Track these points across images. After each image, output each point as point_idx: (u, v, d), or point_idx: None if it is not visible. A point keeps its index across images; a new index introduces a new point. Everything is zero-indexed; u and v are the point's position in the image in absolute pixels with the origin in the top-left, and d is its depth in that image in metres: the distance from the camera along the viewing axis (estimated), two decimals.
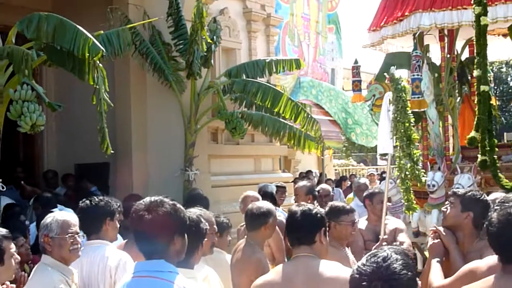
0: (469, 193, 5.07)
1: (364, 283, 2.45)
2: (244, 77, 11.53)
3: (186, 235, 3.49)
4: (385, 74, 12.72)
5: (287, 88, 14.78)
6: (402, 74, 16.75)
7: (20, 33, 7.69)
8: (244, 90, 11.29)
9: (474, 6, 9.13)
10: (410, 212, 6.55)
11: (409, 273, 2.48)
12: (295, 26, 19.59)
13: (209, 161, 12.16)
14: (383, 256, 2.51)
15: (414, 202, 6.57)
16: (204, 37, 10.50)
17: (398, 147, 6.34)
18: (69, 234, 4.48)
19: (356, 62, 12.71)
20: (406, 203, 6.39)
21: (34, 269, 4.61)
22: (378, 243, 5.68)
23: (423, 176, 7.37)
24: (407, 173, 6.43)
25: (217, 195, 10.72)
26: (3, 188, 7.91)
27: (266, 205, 5.73)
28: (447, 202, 5.24)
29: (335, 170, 26.89)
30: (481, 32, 9.25)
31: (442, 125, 11.38)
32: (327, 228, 4.29)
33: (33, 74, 7.82)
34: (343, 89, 21.55)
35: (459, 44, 11.62)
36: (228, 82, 11.62)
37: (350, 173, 25.14)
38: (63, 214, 4.70)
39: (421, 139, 12.26)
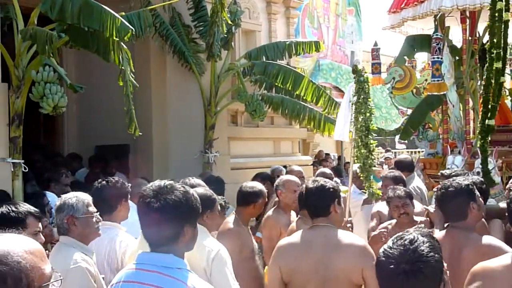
0: (453, 174, 5.63)
1: (391, 266, 2.45)
2: (264, 59, 11.49)
3: (197, 224, 3.21)
4: (405, 57, 12.72)
5: (306, 71, 14.72)
6: (423, 56, 16.71)
7: (41, 15, 7.72)
8: (264, 72, 11.26)
9: (497, 1, 8.93)
10: (374, 197, 6.84)
11: (436, 255, 2.50)
12: (314, 8, 19.48)
13: (228, 143, 12.17)
14: (410, 238, 2.52)
15: (377, 188, 6.89)
16: (224, 18, 10.47)
17: (357, 137, 6.68)
18: (95, 213, 4.54)
19: (375, 44, 12.64)
20: (368, 190, 6.67)
21: (52, 249, 4.63)
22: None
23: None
24: (364, 161, 6.75)
25: (236, 177, 10.71)
26: (25, 169, 7.97)
27: (259, 185, 6.10)
28: None
29: None
30: (504, 26, 9.02)
31: (462, 108, 11.33)
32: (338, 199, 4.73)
33: (56, 56, 7.85)
34: None
35: (480, 26, 11.51)
36: (248, 64, 11.59)
37: None
38: (83, 194, 4.74)
39: (441, 123, 12.22)
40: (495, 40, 8.91)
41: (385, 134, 29.69)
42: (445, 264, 2.57)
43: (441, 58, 10.83)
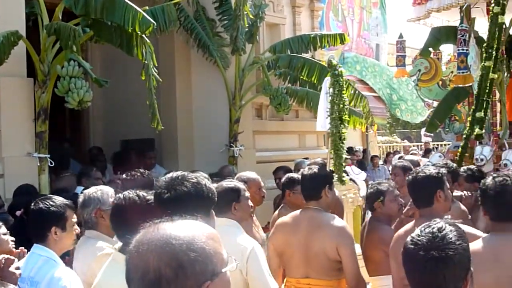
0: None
1: (420, 253, 2.45)
2: (288, 52, 11.47)
3: (213, 212, 3.34)
4: (430, 48, 12.62)
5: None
6: (448, 49, 16.57)
7: (66, 10, 7.76)
8: (289, 66, 11.24)
9: (493, 6, 10.01)
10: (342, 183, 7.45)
11: (464, 243, 2.50)
12: (339, 1, 19.40)
13: (253, 137, 12.16)
14: (438, 227, 2.52)
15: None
16: (246, 12, 10.45)
17: (332, 127, 7.16)
18: None
19: (400, 36, 12.56)
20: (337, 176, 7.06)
21: (78, 243, 4.66)
22: None
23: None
24: (337, 150, 7.29)
25: (262, 171, 10.69)
26: (51, 164, 8.02)
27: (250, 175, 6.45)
28: None
29: (379, 146, 26.69)
30: (498, 29, 10.10)
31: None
32: (331, 185, 5.44)
33: (80, 51, 7.90)
34: (388, 64, 21.32)
35: (507, 17, 11.36)
36: (272, 58, 11.57)
37: (394, 150, 24.94)
38: (106, 187, 4.79)
39: (467, 115, 12.10)
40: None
41: (410, 127, 29.53)
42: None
43: (467, 50, 10.72)
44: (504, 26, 11.38)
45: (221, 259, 1.88)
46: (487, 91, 10.08)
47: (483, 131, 10.18)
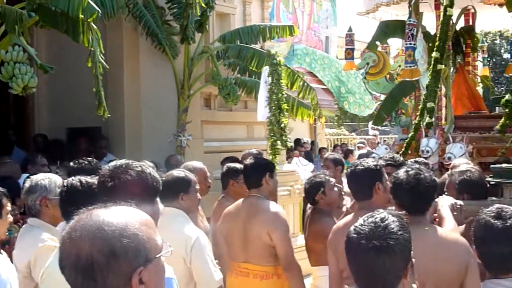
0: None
1: (362, 242, 2.47)
2: (238, 43, 11.46)
3: (158, 201, 3.25)
4: (377, 42, 12.75)
5: (280, 55, 14.66)
6: (397, 43, 16.74)
7: None
8: (238, 56, 11.23)
9: None
10: None
11: (405, 234, 2.52)
12: None
13: (201, 127, 12.12)
14: (381, 217, 2.54)
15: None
16: (198, 1, 10.40)
17: (271, 115, 7.27)
18: None
19: (349, 30, 12.65)
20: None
21: (20, 230, 4.59)
22: None
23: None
24: (276, 137, 7.45)
25: (209, 161, 10.66)
26: None
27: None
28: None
29: (327, 139, 26.86)
30: (446, 21, 10.47)
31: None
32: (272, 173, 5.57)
33: (28, 35, 7.72)
34: (337, 57, 21.44)
35: (454, 13, 11.54)
36: (222, 48, 11.55)
37: (342, 142, 25.14)
38: (54, 176, 4.70)
39: (414, 109, 12.26)
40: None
41: (358, 120, 29.81)
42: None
43: (414, 44, 10.85)
44: (451, 22, 11.57)
45: (154, 245, 1.87)
46: (434, 81, 10.44)
47: (433, 119, 10.42)
